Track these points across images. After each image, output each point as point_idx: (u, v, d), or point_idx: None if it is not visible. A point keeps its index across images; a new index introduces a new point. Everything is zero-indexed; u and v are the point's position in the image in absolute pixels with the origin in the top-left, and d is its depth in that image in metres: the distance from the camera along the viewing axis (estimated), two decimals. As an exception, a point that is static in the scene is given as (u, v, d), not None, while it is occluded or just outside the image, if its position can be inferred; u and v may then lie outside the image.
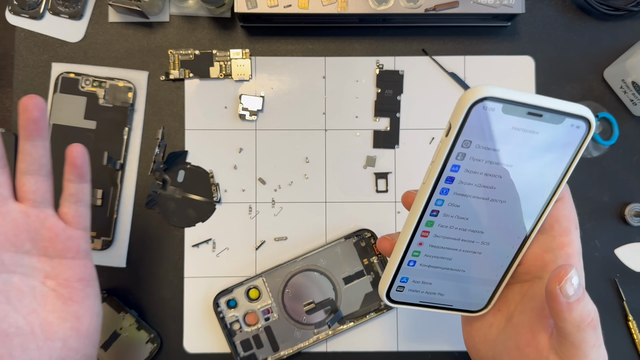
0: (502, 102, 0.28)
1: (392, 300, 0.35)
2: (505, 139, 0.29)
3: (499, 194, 0.31)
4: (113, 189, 0.54)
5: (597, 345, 0.31)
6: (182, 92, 0.55)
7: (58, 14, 0.54)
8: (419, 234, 0.33)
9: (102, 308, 0.52)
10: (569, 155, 0.30)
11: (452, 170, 0.30)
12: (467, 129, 0.29)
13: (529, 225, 0.33)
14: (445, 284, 0.35)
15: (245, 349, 0.52)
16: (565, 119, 0.29)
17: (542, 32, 0.56)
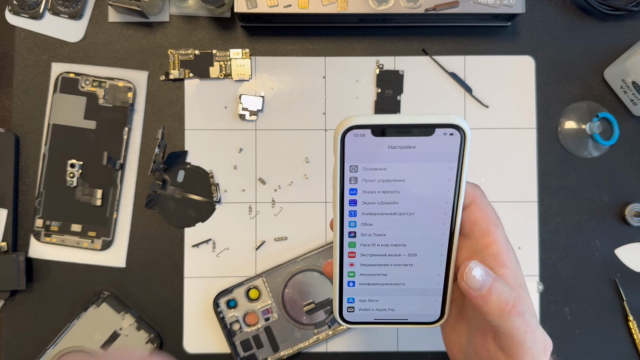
0: (366, 128, 0.30)
1: (347, 321, 0.37)
2: (387, 157, 0.31)
3: (403, 207, 0.33)
4: (113, 189, 0.54)
5: (529, 330, 0.30)
6: (182, 92, 0.55)
7: (58, 13, 0.54)
8: (347, 256, 0.35)
9: (102, 308, 0.52)
10: (455, 161, 0.32)
11: (351, 193, 0.33)
12: (348, 156, 0.31)
13: (446, 232, 0.34)
14: (392, 299, 0.36)
15: (245, 349, 0.52)
16: (434, 130, 0.30)
17: (542, 32, 0.56)
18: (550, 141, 0.55)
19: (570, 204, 0.55)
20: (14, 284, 0.52)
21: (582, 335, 0.54)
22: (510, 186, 0.55)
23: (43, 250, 0.54)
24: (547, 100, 0.55)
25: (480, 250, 0.33)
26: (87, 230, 0.53)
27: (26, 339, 0.53)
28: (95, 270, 0.54)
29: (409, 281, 0.35)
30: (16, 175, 0.54)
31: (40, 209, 0.53)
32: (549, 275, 0.54)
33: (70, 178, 0.53)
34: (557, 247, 0.54)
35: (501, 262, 0.33)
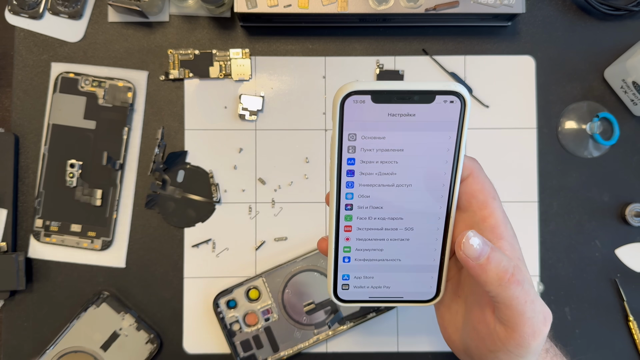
0: (367, 94, 0.30)
1: (341, 299, 0.36)
2: (386, 125, 0.31)
3: (401, 179, 0.33)
4: (113, 189, 0.54)
5: (529, 300, 0.30)
6: (181, 92, 0.55)
7: (58, 13, 0.54)
8: (343, 230, 0.34)
9: (102, 308, 0.52)
10: (454, 130, 0.31)
11: (349, 163, 0.32)
12: (347, 123, 0.31)
13: (443, 205, 0.34)
14: (388, 275, 0.36)
15: (245, 349, 0.52)
16: (434, 97, 0.30)
17: (543, 32, 0.55)
18: (550, 141, 0.55)
19: (571, 204, 0.55)
20: (13, 284, 0.52)
21: (582, 336, 0.54)
22: (511, 186, 0.55)
23: (43, 251, 0.54)
24: (547, 100, 0.55)
25: (477, 223, 0.33)
26: (87, 231, 0.53)
27: (26, 339, 0.53)
28: (95, 271, 0.54)
29: (405, 257, 0.35)
30: (16, 175, 0.54)
31: (40, 209, 0.53)
32: (549, 275, 0.54)
33: (70, 178, 0.53)
34: (557, 247, 0.54)
35: (499, 235, 0.32)
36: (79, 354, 0.52)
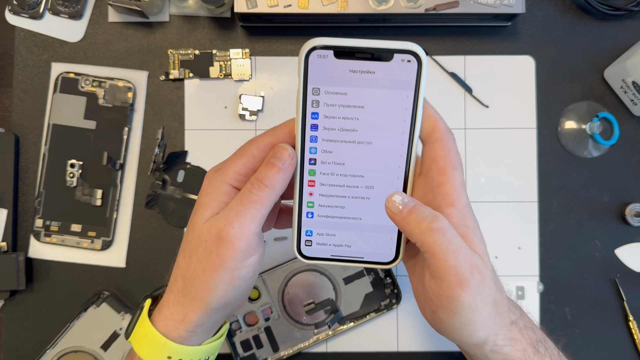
0: (329, 49, 0.32)
1: (305, 256, 0.37)
2: (348, 81, 0.33)
3: (362, 136, 0.34)
4: (113, 189, 0.54)
5: (451, 248, 0.31)
6: (182, 92, 0.55)
7: (58, 13, 0.54)
8: (306, 184, 0.35)
9: (102, 308, 0.52)
10: (411, 89, 0.33)
11: (313, 117, 0.34)
12: (311, 77, 0.33)
13: (402, 164, 0.35)
14: (349, 234, 0.37)
15: (245, 349, 0.52)
16: (393, 55, 0.32)
17: (543, 32, 0.55)
18: (550, 141, 0.55)
19: (571, 204, 0.55)
20: (13, 284, 0.52)
21: (582, 335, 0.54)
22: (511, 186, 0.55)
23: (43, 250, 0.54)
24: (547, 100, 0.55)
25: (433, 188, 0.34)
26: (87, 230, 0.53)
27: (26, 339, 0.53)
28: (95, 270, 0.54)
29: (366, 216, 0.36)
30: (16, 175, 0.54)
31: (40, 209, 0.53)
32: (549, 275, 0.54)
33: (70, 178, 0.53)
34: (557, 247, 0.54)
35: (449, 202, 0.33)
36: (79, 354, 0.52)
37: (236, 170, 0.35)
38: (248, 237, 0.33)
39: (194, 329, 0.36)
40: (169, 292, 0.37)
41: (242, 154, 0.35)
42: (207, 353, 0.38)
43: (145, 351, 0.36)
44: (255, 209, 0.33)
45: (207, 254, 0.34)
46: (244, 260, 0.34)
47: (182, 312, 0.35)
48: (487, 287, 0.32)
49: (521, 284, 0.54)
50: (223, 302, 0.35)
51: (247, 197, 0.33)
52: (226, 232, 0.33)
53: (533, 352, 0.35)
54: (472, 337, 0.33)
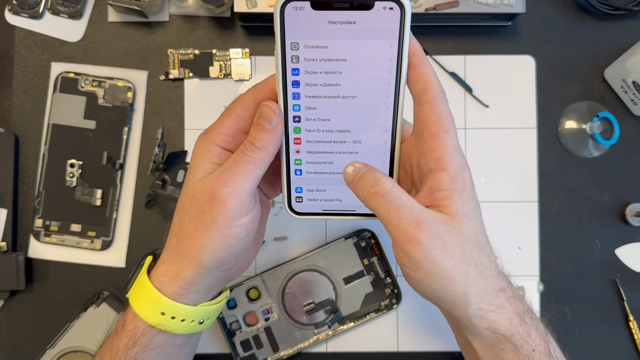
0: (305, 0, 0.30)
1: (296, 212, 0.37)
2: (328, 34, 0.31)
3: (346, 90, 0.33)
4: (112, 188, 0.54)
5: (392, 208, 0.32)
6: (181, 91, 0.55)
7: (57, 13, 0.54)
8: (292, 142, 0.35)
9: (102, 308, 0.52)
10: (395, 38, 0.32)
11: (293, 74, 0.33)
12: (289, 31, 0.31)
13: (389, 117, 0.34)
14: (339, 189, 0.37)
15: (245, 349, 0.52)
16: (374, 3, 0.30)
17: (543, 31, 0.55)
18: (550, 141, 0.55)
19: (571, 204, 0.55)
20: (13, 284, 0.52)
21: (582, 335, 0.54)
22: (511, 186, 0.55)
23: (43, 250, 0.54)
24: (547, 100, 0.55)
25: (425, 152, 0.34)
26: (87, 230, 0.53)
27: (26, 339, 0.53)
28: (95, 270, 0.54)
29: None
30: (16, 175, 0.54)
31: (40, 209, 0.53)
32: (549, 275, 0.54)
33: (70, 178, 0.53)
34: (557, 247, 0.54)
35: (441, 166, 0.33)
36: (79, 354, 0.52)
37: (223, 132, 0.35)
38: (241, 196, 0.33)
39: (188, 287, 0.36)
40: (164, 250, 0.37)
41: (228, 115, 0.35)
42: (202, 315, 0.38)
43: (141, 306, 0.36)
44: (249, 169, 0.33)
45: (200, 212, 0.34)
46: (236, 220, 0.34)
47: (175, 269, 0.36)
48: (444, 240, 0.32)
49: (521, 284, 0.54)
50: (215, 261, 0.35)
51: (241, 158, 0.34)
52: (219, 191, 0.33)
53: (519, 322, 0.35)
54: (444, 291, 0.33)
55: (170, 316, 0.36)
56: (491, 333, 0.34)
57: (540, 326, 0.36)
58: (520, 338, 0.34)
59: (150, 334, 0.37)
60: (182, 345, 0.39)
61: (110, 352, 0.38)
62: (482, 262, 0.34)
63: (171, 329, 0.36)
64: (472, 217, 0.34)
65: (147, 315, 0.36)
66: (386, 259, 0.53)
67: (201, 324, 0.38)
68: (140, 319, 0.37)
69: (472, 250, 0.34)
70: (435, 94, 0.33)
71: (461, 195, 0.34)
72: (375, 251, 0.53)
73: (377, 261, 0.53)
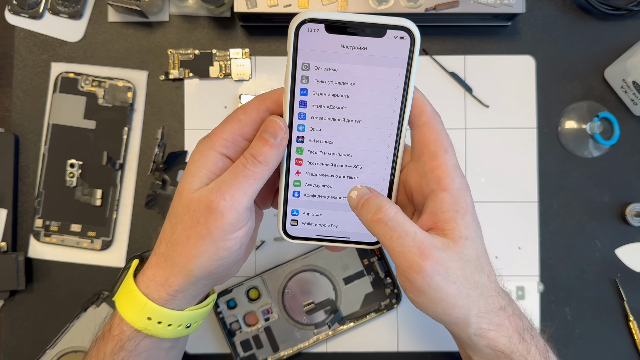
0: (320, 23, 0.31)
1: (290, 235, 0.37)
2: (339, 57, 0.32)
3: (352, 114, 0.34)
4: (112, 189, 0.54)
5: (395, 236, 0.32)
6: (181, 91, 0.55)
7: (57, 13, 0.54)
8: (293, 163, 0.35)
9: (102, 308, 0.52)
10: (403, 66, 0.32)
11: (302, 94, 0.33)
12: (301, 51, 0.32)
13: (392, 144, 0.34)
14: (336, 214, 0.37)
15: (245, 349, 0.52)
16: (386, 31, 0.31)
17: (543, 31, 0.55)
18: (550, 141, 0.55)
19: (571, 204, 0.55)
20: (13, 284, 0.52)
21: (582, 335, 0.54)
22: (511, 186, 0.55)
23: (43, 250, 0.54)
24: (547, 100, 0.55)
25: (426, 173, 0.34)
26: (87, 230, 0.53)
27: (26, 339, 0.53)
28: (95, 270, 0.54)
29: None
30: (16, 175, 0.54)
31: (40, 209, 0.53)
32: (549, 275, 0.54)
33: (70, 178, 0.53)
34: (557, 247, 0.54)
35: (443, 186, 0.34)
36: (79, 354, 0.52)
37: (223, 137, 0.35)
38: (239, 210, 0.33)
39: (175, 294, 0.36)
40: (152, 254, 0.37)
41: (229, 120, 0.35)
42: (189, 320, 0.37)
43: (127, 311, 0.36)
44: (249, 183, 0.33)
45: (194, 223, 0.34)
46: (231, 233, 0.34)
47: (163, 275, 0.36)
48: (447, 267, 0.33)
49: (521, 284, 0.54)
50: (206, 272, 0.35)
51: (241, 172, 0.33)
52: (217, 204, 0.33)
53: (519, 340, 0.35)
54: (447, 314, 0.34)
55: (157, 321, 0.36)
56: (491, 350, 0.35)
57: (540, 343, 0.37)
58: (520, 355, 0.35)
59: (137, 338, 0.37)
60: (169, 348, 0.39)
61: (97, 356, 0.37)
62: (483, 283, 0.35)
63: (157, 333, 0.36)
64: (474, 239, 0.34)
65: (133, 320, 0.36)
66: (386, 259, 0.53)
67: (188, 327, 0.38)
68: (126, 323, 0.36)
69: (473, 272, 0.34)
70: (430, 115, 0.34)
71: (464, 217, 0.34)
72: (375, 251, 0.53)
73: (377, 261, 0.53)
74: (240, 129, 0.35)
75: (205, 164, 0.34)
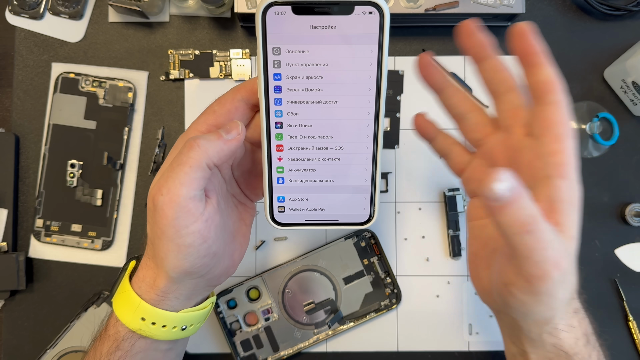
0: (287, 4, 0.31)
1: (278, 222, 0.37)
2: (309, 38, 0.32)
3: (328, 95, 0.33)
4: (113, 189, 0.54)
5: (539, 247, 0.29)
6: (182, 92, 0.55)
7: (58, 14, 0.54)
8: (274, 149, 0.35)
9: (102, 308, 0.52)
10: (375, 42, 0.32)
11: (275, 79, 0.33)
12: (270, 36, 0.31)
13: (370, 122, 0.34)
14: (322, 197, 0.36)
15: (245, 349, 0.52)
16: (353, 8, 0.31)
17: (542, 32, 0.55)
18: (550, 141, 0.55)
19: (571, 204, 0.55)
20: (14, 284, 0.52)
21: (582, 335, 0.54)
22: (511, 186, 0.55)
23: (43, 250, 0.54)
24: (547, 100, 0.55)
25: (545, 155, 0.31)
26: (87, 230, 0.53)
27: (26, 339, 0.53)
28: (95, 270, 0.54)
29: (338, 177, 0.35)
30: (16, 175, 0.54)
31: (41, 209, 0.53)
32: (549, 275, 0.54)
33: (70, 178, 0.53)
34: (557, 247, 0.54)
35: (562, 173, 0.31)
36: (80, 354, 0.52)
37: (199, 129, 0.34)
38: (179, 203, 0.31)
39: (164, 294, 0.35)
40: (144, 255, 0.37)
41: (205, 112, 0.35)
42: (184, 322, 0.37)
43: (122, 311, 0.36)
44: (184, 171, 0.31)
45: (153, 223, 0.33)
46: (184, 228, 0.32)
47: (152, 275, 0.36)
48: (569, 276, 0.31)
49: (521, 284, 0.54)
50: (181, 271, 0.34)
51: (176, 160, 0.32)
52: (157, 200, 0.32)
53: (584, 343, 0.34)
54: (539, 314, 0.32)
55: (151, 322, 0.36)
56: (554, 349, 0.34)
57: (600, 350, 0.36)
58: (582, 358, 0.34)
59: (132, 339, 0.36)
60: (166, 350, 0.38)
61: (95, 356, 0.37)
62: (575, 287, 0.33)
63: (152, 334, 0.36)
64: (577, 239, 0.32)
65: (127, 320, 0.36)
66: (386, 259, 0.53)
67: (184, 330, 0.37)
68: (121, 323, 0.36)
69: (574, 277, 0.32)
70: (562, 95, 0.31)
71: (576, 212, 0.32)
72: (375, 251, 0.53)
73: (377, 261, 0.53)
74: (215, 120, 0.34)
75: None
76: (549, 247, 0.29)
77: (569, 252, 0.31)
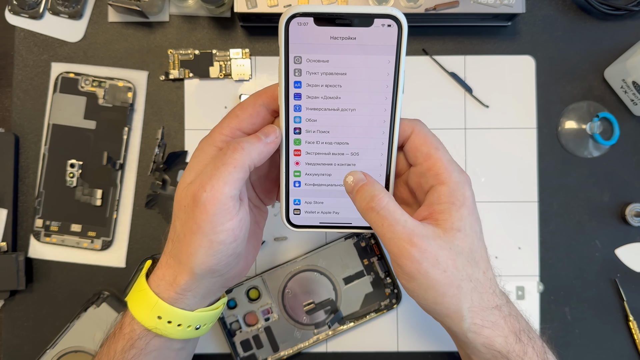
0: (309, 16, 0.32)
1: (294, 224, 0.38)
2: (329, 48, 0.33)
3: (346, 103, 0.35)
4: (113, 189, 0.54)
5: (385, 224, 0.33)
6: (181, 92, 0.55)
7: (58, 13, 0.54)
8: (292, 154, 0.36)
9: (102, 308, 0.52)
10: (392, 54, 0.33)
11: (296, 87, 0.34)
12: (292, 45, 0.33)
13: (386, 130, 0.35)
14: (337, 201, 0.38)
15: (245, 349, 0.52)
16: (373, 20, 0.32)
17: (543, 31, 0.55)
18: (550, 141, 0.55)
19: (571, 204, 0.55)
20: (14, 284, 0.52)
21: (582, 336, 0.54)
22: (511, 186, 0.55)
23: (43, 250, 0.54)
24: (547, 100, 0.55)
25: (424, 173, 0.36)
26: (87, 230, 0.53)
27: (26, 339, 0.53)
28: (95, 270, 0.54)
29: None
30: (16, 175, 0.54)
31: (40, 209, 0.53)
32: (549, 275, 0.54)
33: (70, 178, 0.53)
34: (557, 247, 0.54)
35: (440, 180, 0.35)
36: (79, 354, 0.52)
37: (223, 132, 0.36)
38: (221, 200, 0.33)
39: (184, 293, 0.36)
40: (163, 254, 0.37)
41: (227, 117, 0.36)
42: (199, 321, 0.38)
43: (138, 310, 0.37)
44: (228, 171, 0.33)
45: (187, 219, 0.34)
46: (220, 225, 0.33)
47: (172, 274, 0.36)
48: (435, 255, 0.33)
49: (521, 284, 0.54)
50: (207, 268, 0.35)
51: (220, 160, 0.33)
52: (199, 196, 0.33)
53: (515, 340, 0.35)
54: (438, 303, 0.34)
55: (167, 320, 0.36)
56: (487, 350, 0.35)
57: (538, 344, 0.37)
58: (517, 356, 0.35)
59: (147, 337, 0.37)
60: (179, 350, 0.39)
61: (108, 354, 0.38)
62: (477, 278, 0.35)
63: (167, 333, 0.37)
64: (468, 233, 0.35)
65: (144, 318, 0.36)
66: (386, 259, 0.53)
67: (197, 329, 0.38)
68: (137, 322, 0.37)
69: (466, 265, 0.34)
70: (412, 124, 0.36)
71: (460, 209, 0.34)
72: (375, 251, 0.53)
73: (377, 261, 0.53)
74: (238, 124, 0.35)
75: (203, 158, 0.35)
76: (398, 225, 0.33)
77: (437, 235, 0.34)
